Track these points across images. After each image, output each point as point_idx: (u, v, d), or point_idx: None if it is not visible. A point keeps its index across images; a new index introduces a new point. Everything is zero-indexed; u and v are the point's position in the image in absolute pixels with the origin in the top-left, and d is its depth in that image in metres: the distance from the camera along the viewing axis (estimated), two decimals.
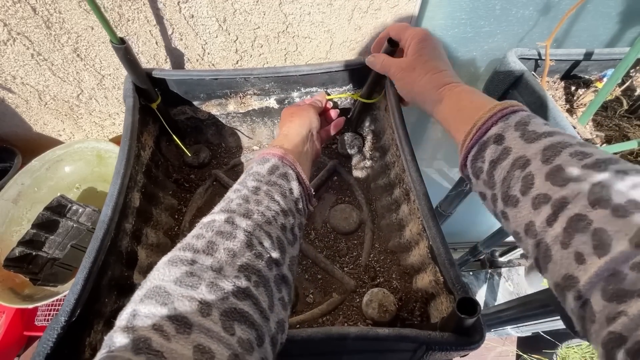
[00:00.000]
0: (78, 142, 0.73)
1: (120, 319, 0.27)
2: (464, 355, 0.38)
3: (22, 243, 0.62)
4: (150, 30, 0.57)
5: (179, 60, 0.63)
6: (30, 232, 0.63)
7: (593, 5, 0.63)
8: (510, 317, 0.84)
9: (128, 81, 0.56)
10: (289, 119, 0.52)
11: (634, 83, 0.68)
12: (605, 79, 0.65)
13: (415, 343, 0.37)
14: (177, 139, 0.66)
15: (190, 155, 0.70)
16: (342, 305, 0.57)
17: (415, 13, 0.60)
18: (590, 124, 0.62)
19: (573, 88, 0.68)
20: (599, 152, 0.28)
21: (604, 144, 0.59)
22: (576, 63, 0.66)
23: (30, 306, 0.60)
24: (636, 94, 0.67)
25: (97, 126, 0.75)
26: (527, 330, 1.02)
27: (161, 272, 0.29)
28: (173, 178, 0.69)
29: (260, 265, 0.32)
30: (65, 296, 0.60)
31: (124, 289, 0.49)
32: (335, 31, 0.61)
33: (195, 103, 0.65)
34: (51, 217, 0.65)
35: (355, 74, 0.60)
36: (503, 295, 1.39)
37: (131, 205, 0.52)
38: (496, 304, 1.26)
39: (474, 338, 0.35)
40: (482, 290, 1.40)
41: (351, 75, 0.60)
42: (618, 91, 0.68)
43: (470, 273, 1.43)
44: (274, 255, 0.34)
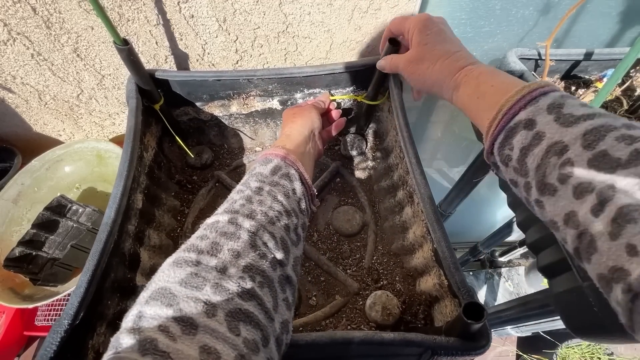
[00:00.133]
0: (78, 142, 0.72)
1: (126, 320, 0.27)
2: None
3: (22, 243, 0.61)
4: (150, 30, 0.57)
5: (179, 60, 0.63)
6: (30, 232, 0.62)
7: (593, 5, 0.63)
8: (510, 317, 0.84)
9: (131, 82, 0.55)
10: (291, 120, 0.52)
11: (634, 83, 0.68)
12: (605, 79, 0.66)
13: (421, 348, 0.36)
14: (180, 140, 0.66)
15: (192, 156, 0.70)
16: (345, 308, 0.57)
17: (415, 13, 0.60)
18: None
19: (573, 88, 0.68)
20: None
21: None
22: (576, 63, 0.66)
23: (30, 306, 0.60)
24: (636, 94, 0.67)
25: (97, 126, 0.75)
26: (527, 330, 1.02)
27: (166, 274, 0.29)
28: (175, 179, 0.69)
29: (264, 266, 0.32)
30: (65, 296, 0.61)
31: (127, 291, 0.49)
32: (335, 31, 0.61)
33: (198, 104, 0.65)
34: (51, 217, 0.64)
35: (358, 76, 0.60)
36: (503, 295, 1.39)
37: (134, 207, 0.52)
38: (496, 304, 1.26)
39: (480, 343, 0.35)
40: (482, 290, 1.40)
41: (354, 76, 0.60)
42: (618, 91, 0.68)
43: (470, 273, 1.43)
44: (278, 256, 0.34)
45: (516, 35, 0.67)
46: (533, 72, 0.65)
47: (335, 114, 0.62)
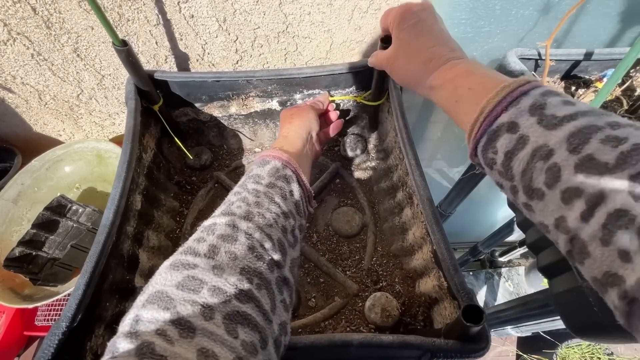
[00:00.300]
0: (78, 142, 0.73)
1: (123, 324, 0.26)
2: None
3: (22, 243, 0.62)
4: (150, 30, 0.57)
5: (179, 61, 0.63)
6: (30, 232, 0.63)
7: (593, 5, 0.63)
8: (510, 317, 0.84)
9: (130, 83, 0.55)
10: (288, 121, 0.52)
11: (634, 83, 0.68)
12: (605, 79, 0.65)
13: (420, 350, 0.36)
14: (179, 141, 0.66)
15: (191, 157, 0.70)
16: (345, 310, 0.57)
17: None
18: None
19: (573, 88, 0.68)
20: (634, 135, 0.25)
21: None
22: (576, 63, 0.66)
23: (30, 306, 0.60)
24: (636, 94, 0.67)
25: (97, 126, 0.75)
26: (527, 330, 1.02)
27: (163, 277, 0.29)
28: (175, 180, 0.69)
29: (261, 268, 0.32)
30: (65, 296, 0.61)
31: (125, 292, 0.49)
32: (335, 31, 0.61)
33: (197, 105, 0.64)
34: (51, 217, 0.64)
35: (358, 77, 0.60)
36: (503, 295, 1.39)
37: (133, 208, 0.52)
38: (496, 304, 1.26)
39: (479, 345, 0.35)
40: (482, 290, 1.40)
41: (354, 77, 0.60)
42: (618, 91, 0.68)
43: (470, 273, 1.43)
44: (275, 257, 0.34)
45: (516, 35, 0.67)
46: (533, 72, 0.65)
47: (334, 115, 0.62)
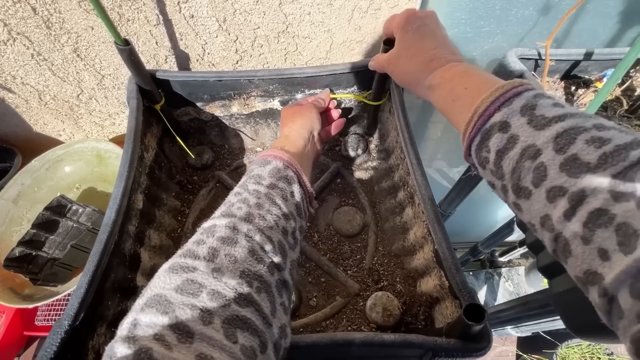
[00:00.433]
0: (78, 142, 0.72)
1: (121, 328, 0.26)
2: None
3: (22, 243, 0.61)
4: (150, 30, 0.57)
5: (179, 60, 0.63)
6: (30, 232, 0.62)
7: (593, 5, 0.63)
8: (510, 317, 0.84)
9: (132, 83, 0.55)
10: (290, 119, 0.52)
11: (634, 83, 0.68)
12: (605, 79, 0.66)
13: (422, 349, 0.36)
14: (181, 141, 0.66)
15: (193, 156, 0.70)
16: (346, 309, 0.57)
17: None
18: None
19: (573, 88, 0.68)
20: (618, 136, 0.26)
21: None
22: (576, 63, 0.66)
23: (30, 306, 0.60)
24: (636, 94, 0.68)
25: (97, 126, 0.75)
26: (527, 330, 1.02)
27: (162, 280, 0.29)
28: (176, 180, 0.69)
29: (262, 271, 0.32)
30: (65, 296, 0.61)
31: (127, 291, 0.49)
32: (335, 31, 0.61)
33: (198, 104, 0.64)
34: (51, 217, 0.64)
35: (359, 76, 0.60)
36: (503, 295, 1.40)
37: (134, 207, 0.52)
38: (496, 304, 1.26)
39: (481, 344, 0.35)
40: (482, 290, 1.40)
41: (355, 77, 0.60)
42: (618, 91, 0.68)
43: (470, 273, 1.43)
44: (276, 260, 0.34)
45: (516, 35, 0.67)
46: (533, 72, 0.65)
47: (335, 113, 0.62)
